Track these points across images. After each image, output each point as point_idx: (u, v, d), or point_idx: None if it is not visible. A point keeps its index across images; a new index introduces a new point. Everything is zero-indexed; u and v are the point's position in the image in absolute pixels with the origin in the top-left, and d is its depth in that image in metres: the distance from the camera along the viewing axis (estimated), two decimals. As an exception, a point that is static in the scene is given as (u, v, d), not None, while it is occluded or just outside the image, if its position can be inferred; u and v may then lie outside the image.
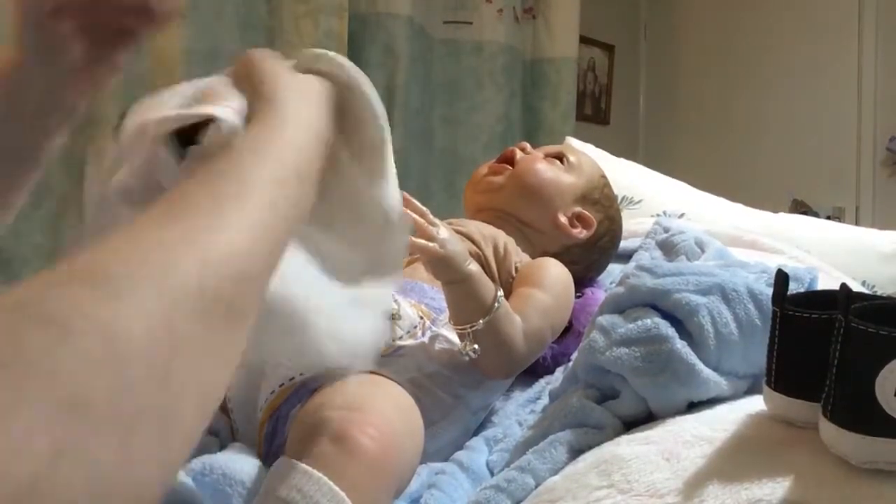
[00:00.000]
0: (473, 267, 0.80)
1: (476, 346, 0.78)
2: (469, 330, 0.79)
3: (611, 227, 1.15)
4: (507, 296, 0.88)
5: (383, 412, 0.64)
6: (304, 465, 0.56)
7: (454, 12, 2.62)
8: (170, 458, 0.33)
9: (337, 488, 0.55)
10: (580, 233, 1.09)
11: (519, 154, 1.12)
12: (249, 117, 0.51)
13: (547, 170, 1.10)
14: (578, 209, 1.10)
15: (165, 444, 0.33)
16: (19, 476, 0.26)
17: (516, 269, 0.96)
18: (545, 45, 2.90)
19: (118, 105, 1.86)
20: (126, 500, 0.30)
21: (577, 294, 1.03)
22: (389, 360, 0.77)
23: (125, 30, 0.62)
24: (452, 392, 0.80)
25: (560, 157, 1.13)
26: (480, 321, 0.78)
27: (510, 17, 2.76)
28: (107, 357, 0.30)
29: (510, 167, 1.11)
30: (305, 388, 0.72)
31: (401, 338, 0.79)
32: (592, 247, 1.11)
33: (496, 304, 0.80)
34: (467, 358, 0.78)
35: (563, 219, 1.08)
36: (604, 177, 1.19)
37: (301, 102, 0.53)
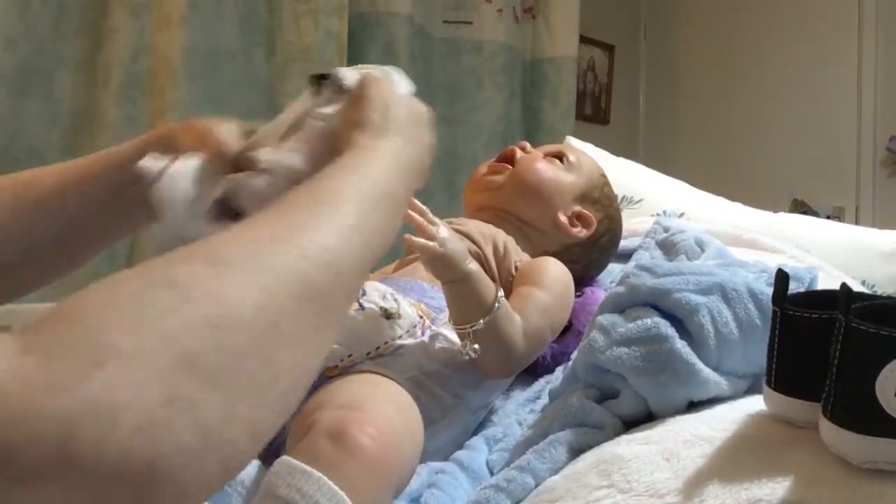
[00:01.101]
0: (473, 266, 0.80)
1: (476, 346, 0.78)
2: (469, 330, 0.79)
3: (611, 227, 1.15)
4: (507, 295, 0.87)
5: (383, 411, 0.64)
6: (303, 465, 0.56)
7: (454, 12, 2.62)
8: (260, 430, 0.36)
9: (336, 488, 0.55)
10: (580, 232, 1.09)
11: (519, 153, 1.12)
12: (355, 137, 0.57)
13: (547, 169, 1.10)
14: (578, 208, 1.10)
15: (259, 413, 0.35)
16: (134, 418, 0.30)
17: (516, 267, 0.96)
18: (545, 45, 2.90)
19: (118, 105, 1.86)
20: (221, 457, 0.33)
21: (577, 293, 1.03)
22: (389, 359, 0.77)
23: None
24: (452, 391, 0.80)
25: (560, 157, 1.13)
26: (481, 321, 0.78)
27: (510, 17, 2.76)
28: (219, 323, 0.34)
29: (510, 166, 1.11)
30: None
31: (400, 337, 0.79)
32: (592, 246, 1.11)
33: (497, 304, 0.79)
34: (467, 357, 0.78)
35: (562, 218, 1.08)
36: (603, 176, 1.18)
37: (403, 135, 0.58)
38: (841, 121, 3.07)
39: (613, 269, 1.18)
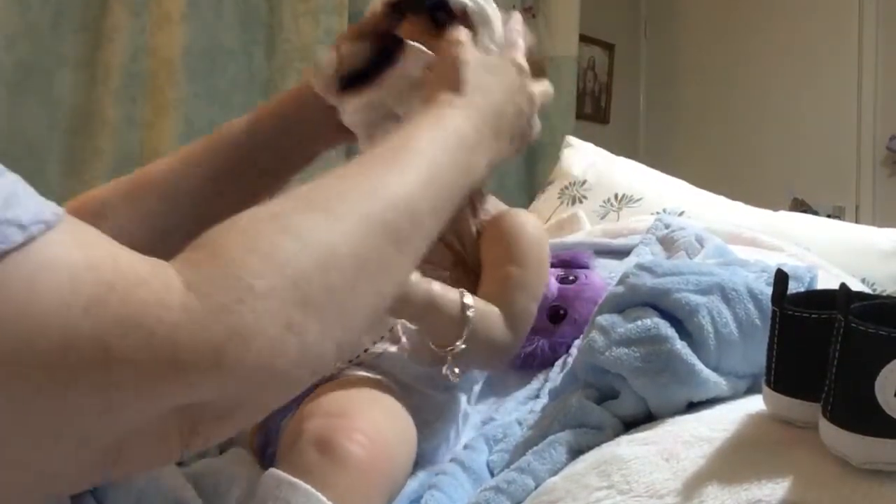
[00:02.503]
0: (431, 292, 0.73)
1: (457, 371, 0.74)
2: (449, 353, 0.74)
3: None
4: (476, 254, 0.82)
5: (371, 417, 0.63)
6: (290, 477, 0.56)
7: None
8: (344, 344, 0.47)
9: (325, 499, 0.54)
10: None
11: None
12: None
13: None
14: None
15: (344, 333, 0.46)
16: (262, 341, 0.40)
17: (480, 227, 0.87)
18: (545, 44, 2.90)
19: (118, 104, 1.86)
20: (313, 366, 0.45)
21: (570, 278, 1.03)
22: (372, 365, 0.76)
23: None
24: (442, 387, 0.78)
25: None
26: (458, 343, 0.73)
27: (510, 16, 2.75)
28: (326, 266, 0.45)
29: None
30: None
31: (381, 339, 0.78)
32: None
33: (467, 318, 0.74)
34: (450, 381, 0.74)
35: None
36: None
37: (485, 98, 0.65)
38: (841, 120, 3.07)
39: (611, 264, 1.18)
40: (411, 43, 0.71)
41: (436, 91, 0.65)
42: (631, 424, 0.64)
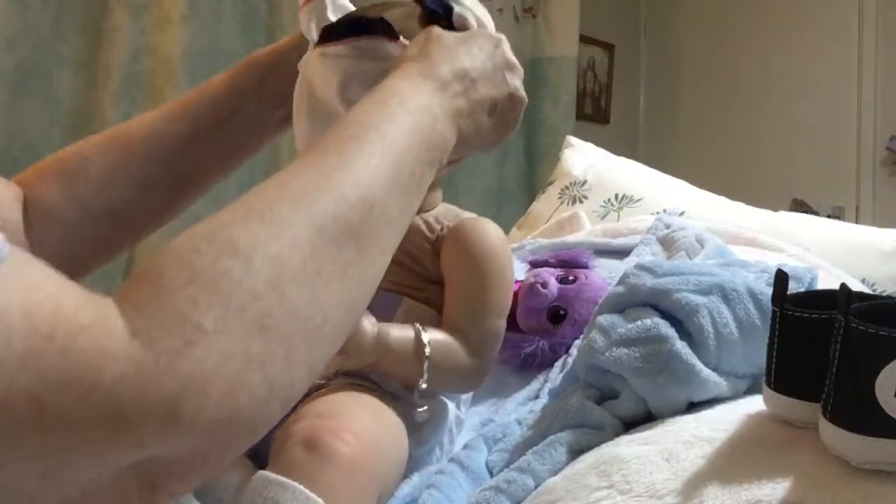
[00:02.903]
0: (384, 334, 0.70)
1: (425, 408, 0.72)
2: (415, 392, 0.72)
3: None
4: (436, 268, 0.77)
5: (358, 417, 0.63)
6: (278, 476, 0.55)
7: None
8: (315, 365, 0.43)
9: (313, 495, 0.54)
10: None
11: None
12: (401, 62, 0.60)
13: None
14: None
15: (312, 352, 0.42)
16: (220, 385, 0.36)
17: (441, 233, 0.79)
18: (545, 44, 2.90)
19: (118, 105, 1.86)
20: (283, 397, 0.40)
21: (570, 278, 1.03)
22: (360, 375, 0.75)
23: None
24: (429, 395, 0.77)
25: None
26: (420, 383, 0.71)
27: (510, 16, 2.76)
28: (277, 282, 0.40)
29: None
30: None
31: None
32: None
33: (425, 356, 0.71)
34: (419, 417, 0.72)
35: None
36: None
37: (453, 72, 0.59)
38: (841, 121, 3.07)
39: (611, 264, 1.18)
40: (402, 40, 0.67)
41: (398, 64, 0.59)
42: (631, 424, 0.64)
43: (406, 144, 0.51)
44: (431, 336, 0.72)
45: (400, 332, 0.71)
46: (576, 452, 0.62)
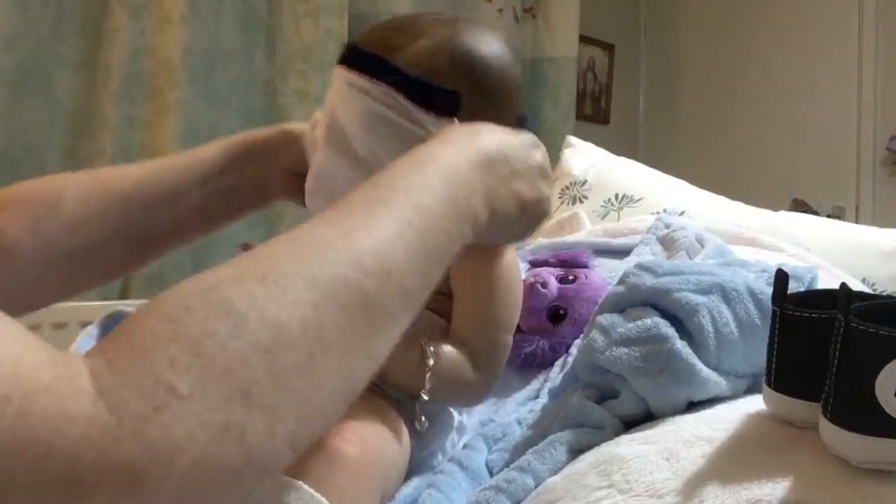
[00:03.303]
0: None
1: (424, 419, 0.71)
2: (417, 403, 0.71)
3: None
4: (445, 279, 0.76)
5: (363, 419, 0.63)
6: (283, 476, 0.55)
7: (454, 11, 2.62)
8: (302, 439, 0.39)
9: (318, 495, 0.54)
10: None
11: None
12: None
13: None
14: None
15: (300, 424, 0.38)
16: (190, 455, 0.34)
17: None
18: (545, 45, 2.90)
19: (118, 105, 1.86)
20: (261, 469, 0.37)
21: (570, 278, 1.03)
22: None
23: None
24: (430, 404, 0.77)
25: None
26: (422, 394, 0.70)
27: (510, 17, 2.76)
28: (270, 347, 0.37)
29: None
30: None
31: None
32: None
33: (428, 368, 0.70)
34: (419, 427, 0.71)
35: None
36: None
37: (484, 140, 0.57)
38: (841, 121, 3.07)
39: (611, 264, 1.18)
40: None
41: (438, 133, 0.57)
42: (631, 424, 0.64)
43: (437, 215, 0.48)
44: (436, 347, 0.72)
45: (405, 342, 0.71)
46: (576, 452, 0.61)
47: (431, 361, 0.70)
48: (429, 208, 0.47)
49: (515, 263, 0.81)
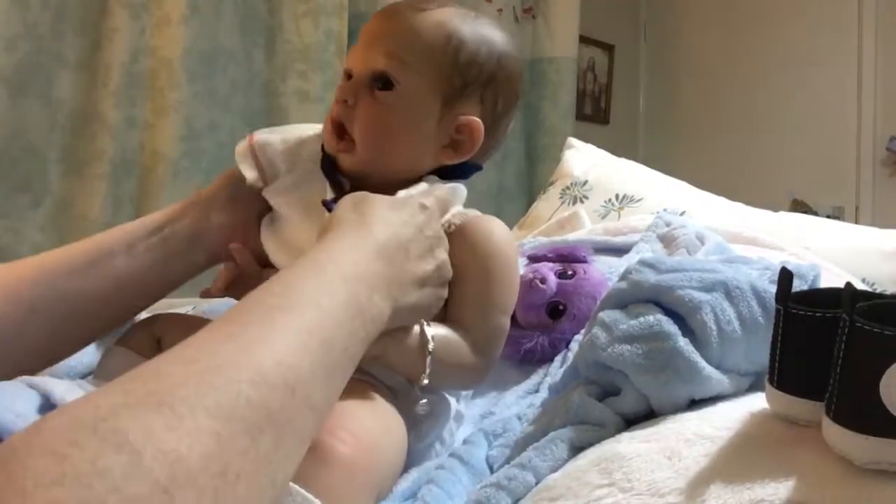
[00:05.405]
0: (387, 332, 0.67)
1: (425, 401, 0.72)
2: (416, 387, 0.71)
3: (504, 96, 0.83)
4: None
5: (356, 415, 0.62)
6: None
7: (454, 12, 2.61)
8: None
9: (310, 496, 0.54)
10: (473, 141, 0.81)
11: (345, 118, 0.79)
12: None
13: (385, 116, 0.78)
14: (457, 120, 0.80)
15: None
16: None
17: (450, 229, 0.77)
18: (545, 45, 2.90)
19: (118, 105, 1.86)
20: None
21: (569, 273, 1.02)
22: (360, 370, 0.75)
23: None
24: (428, 389, 0.77)
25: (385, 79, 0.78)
26: (422, 378, 0.70)
27: (510, 17, 2.76)
28: (168, 486, 0.33)
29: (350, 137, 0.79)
30: None
31: None
32: (492, 139, 0.84)
33: (428, 352, 0.70)
34: (421, 412, 0.73)
35: (443, 150, 0.81)
36: (451, 36, 0.78)
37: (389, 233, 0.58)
38: (841, 121, 3.07)
39: (610, 261, 1.18)
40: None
41: (332, 224, 0.56)
42: (632, 421, 0.63)
43: (339, 319, 0.46)
44: (435, 331, 0.72)
45: (403, 327, 0.71)
46: (577, 449, 0.61)
47: (432, 346, 0.70)
48: (330, 312, 0.46)
49: (513, 248, 0.82)
